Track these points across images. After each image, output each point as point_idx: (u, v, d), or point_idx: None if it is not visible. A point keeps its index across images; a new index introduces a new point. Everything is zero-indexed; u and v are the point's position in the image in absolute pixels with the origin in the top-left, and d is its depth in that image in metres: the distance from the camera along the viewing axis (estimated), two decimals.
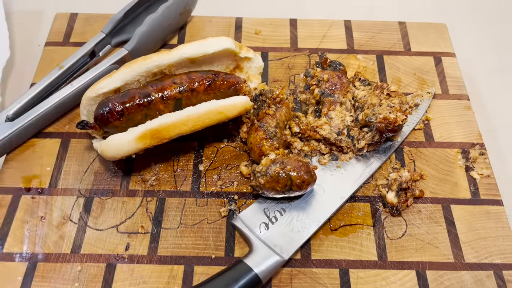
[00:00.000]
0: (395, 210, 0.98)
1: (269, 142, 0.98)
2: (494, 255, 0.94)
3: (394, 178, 1.01)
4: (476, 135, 1.11)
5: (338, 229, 0.97)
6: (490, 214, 1.00)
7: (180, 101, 0.97)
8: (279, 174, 0.91)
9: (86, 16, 1.30)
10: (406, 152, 1.09)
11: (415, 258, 0.94)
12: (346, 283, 0.90)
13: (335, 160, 1.05)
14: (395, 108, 1.00)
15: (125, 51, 1.14)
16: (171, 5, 1.19)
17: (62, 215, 0.97)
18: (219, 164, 1.05)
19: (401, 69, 1.23)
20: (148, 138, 0.93)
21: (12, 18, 1.37)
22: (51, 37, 1.26)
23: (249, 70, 1.10)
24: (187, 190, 1.01)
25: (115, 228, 0.96)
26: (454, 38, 1.31)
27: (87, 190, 1.00)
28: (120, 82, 0.97)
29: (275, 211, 0.97)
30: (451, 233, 0.97)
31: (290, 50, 1.26)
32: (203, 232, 0.96)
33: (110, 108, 0.92)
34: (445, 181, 1.04)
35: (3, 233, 0.94)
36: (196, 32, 1.29)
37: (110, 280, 0.89)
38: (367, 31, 1.31)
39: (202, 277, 0.90)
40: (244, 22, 1.31)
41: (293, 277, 0.91)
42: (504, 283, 0.91)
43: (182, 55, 1.00)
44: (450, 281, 0.91)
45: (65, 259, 0.92)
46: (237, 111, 1.00)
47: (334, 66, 1.12)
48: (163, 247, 0.94)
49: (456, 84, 1.20)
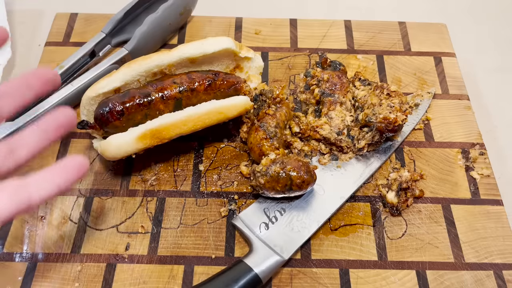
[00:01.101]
0: (395, 210, 0.98)
1: (269, 142, 0.98)
2: (494, 255, 0.94)
3: (394, 178, 1.01)
4: (476, 135, 1.11)
5: (338, 229, 0.97)
6: (490, 214, 1.00)
7: (180, 101, 0.97)
8: (279, 174, 0.91)
9: (86, 16, 1.31)
10: (406, 152, 1.09)
11: (415, 258, 0.94)
12: (346, 283, 0.90)
13: (335, 160, 1.05)
14: (395, 108, 1.00)
15: (125, 51, 1.14)
16: (171, 5, 1.19)
17: (62, 215, 0.97)
18: (219, 164, 1.05)
19: (401, 69, 1.23)
20: (148, 138, 0.93)
21: (12, 18, 1.37)
22: (51, 37, 1.26)
23: (249, 70, 1.10)
24: (187, 190, 1.01)
25: (115, 228, 0.96)
26: (454, 38, 1.31)
27: (87, 190, 1.00)
28: (120, 82, 0.97)
29: (275, 211, 0.97)
30: (451, 233, 0.97)
31: (290, 50, 1.26)
32: (203, 232, 0.96)
33: (110, 108, 0.92)
34: (445, 181, 1.04)
35: (3, 233, 0.94)
36: (196, 32, 1.29)
37: (110, 280, 0.89)
38: (367, 31, 1.31)
39: (202, 277, 0.90)
40: (244, 22, 1.31)
41: (293, 277, 0.91)
42: (504, 283, 0.91)
43: (182, 55, 1.00)
44: (450, 281, 0.91)
45: (65, 259, 0.92)
46: (237, 111, 1.00)
47: (334, 66, 1.12)
48: (163, 247, 0.94)
49: (456, 84, 1.20)
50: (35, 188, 0.63)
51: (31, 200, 0.62)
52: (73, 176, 0.66)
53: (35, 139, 0.68)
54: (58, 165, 0.67)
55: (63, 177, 0.66)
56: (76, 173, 0.67)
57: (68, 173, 0.66)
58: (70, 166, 0.67)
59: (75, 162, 0.67)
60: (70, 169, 0.67)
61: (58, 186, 0.65)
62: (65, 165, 0.67)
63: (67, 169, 0.66)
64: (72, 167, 0.67)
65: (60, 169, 0.66)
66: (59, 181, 0.65)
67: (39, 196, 0.63)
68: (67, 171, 0.66)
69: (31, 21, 1.39)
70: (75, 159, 0.68)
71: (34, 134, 0.69)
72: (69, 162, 0.67)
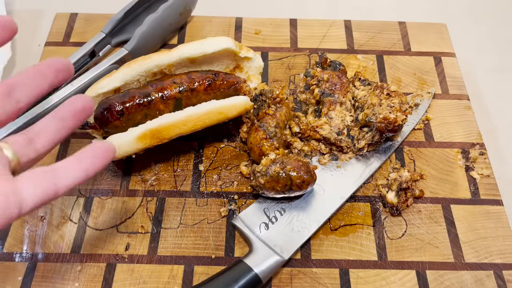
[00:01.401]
0: (395, 210, 0.99)
1: (269, 142, 0.98)
2: (494, 255, 0.94)
3: (394, 178, 1.01)
4: (476, 135, 1.11)
5: (338, 229, 0.97)
6: (490, 214, 1.00)
7: (180, 101, 0.97)
8: (279, 174, 0.91)
9: (86, 16, 1.31)
10: (406, 152, 1.09)
11: (415, 258, 0.94)
12: (346, 283, 0.90)
13: (335, 160, 1.05)
14: (395, 108, 1.00)
15: (125, 51, 1.14)
16: (171, 5, 1.19)
17: (62, 215, 0.97)
18: (219, 164, 1.05)
19: (401, 69, 1.23)
20: (148, 138, 0.93)
21: (12, 18, 1.37)
22: (51, 37, 1.26)
23: (249, 70, 1.10)
24: (187, 190, 1.01)
25: (115, 228, 0.96)
26: (454, 38, 1.31)
27: (87, 190, 1.00)
28: (120, 82, 0.97)
29: (275, 211, 0.97)
30: (451, 233, 0.97)
31: (290, 50, 1.26)
32: (203, 232, 0.96)
33: (110, 108, 0.92)
34: (445, 181, 1.04)
35: (3, 233, 0.94)
36: (196, 32, 1.29)
37: (110, 280, 0.89)
38: (367, 31, 1.31)
39: (202, 277, 0.90)
40: (244, 22, 1.31)
41: (293, 277, 0.91)
42: (504, 283, 0.91)
43: (182, 55, 1.00)
44: (450, 281, 0.91)
45: (65, 259, 0.92)
46: (237, 111, 1.00)
47: (334, 66, 1.12)
48: (163, 247, 0.94)
49: (456, 84, 1.20)
50: (62, 176, 0.62)
51: (58, 188, 0.61)
52: (100, 161, 0.65)
53: (53, 128, 0.67)
54: (84, 150, 0.65)
55: (90, 163, 0.64)
56: (103, 158, 0.65)
57: (95, 158, 0.65)
58: (97, 151, 0.66)
59: (101, 147, 0.66)
60: (97, 154, 0.65)
61: (85, 172, 0.63)
62: (92, 151, 0.65)
63: (94, 154, 0.65)
64: (99, 152, 0.66)
65: (87, 154, 0.65)
66: (86, 167, 0.64)
67: (66, 184, 0.62)
68: (94, 156, 0.65)
69: (31, 21, 1.39)
70: (102, 144, 0.66)
71: (52, 123, 0.68)
72: (96, 147, 0.66)
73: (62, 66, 0.69)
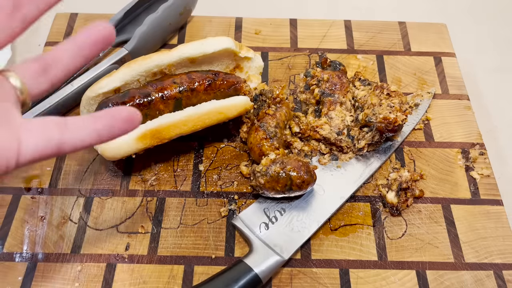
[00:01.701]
0: (395, 210, 0.98)
1: (269, 142, 0.98)
2: (494, 255, 0.94)
3: (394, 178, 1.01)
4: (476, 135, 1.11)
5: (338, 229, 0.97)
6: (490, 214, 1.00)
7: (180, 101, 0.97)
8: (279, 174, 0.91)
9: (86, 16, 1.31)
10: (406, 152, 1.09)
11: (415, 258, 0.94)
12: (346, 283, 0.90)
13: (335, 160, 1.05)
14: (395, 108, 1.00)
15: (125, 51, 1.14)
16: (171, 5, 1.19)
17: (62, 215, 0.97)
18: (219, 164, 1.05)
19: (401, 69, 1.23)
20: (148, 138, 0.93)
21: None
22: (51, 37, 1.26)
23: (249, 70, 1.10)
24: (187, 190, 1.01)
25: (115, 228, 0.96)
26: (454, 38, 1.31)
27: (87, 190, 1.00)
28: (120, 82, 0.97)
29: (275, 211, 0.97)
30: (451, 233, 0.97)
31: (290, 50, 1.26)
32: (203, 232, 0.96)
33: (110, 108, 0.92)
34: (445, 181, 1.04)
35: (3, 233, 0.94)
36: (196, 32, 1.29)
37: (110, 280, 0.89)
38: (367, 31, 1.31)
39: (202, 277, 0.90)
40: (244, 22, 1.31)
41: (293, 277, 0.91)
42: (504, 283, 0.91)
43: (182, 55, 1.00)
44: (450, 281, 0.91)
45: (65, 259, 0.92)
46: (237, 111, 1.00)
47: (334, 66, 1.12)
48: (163, 247, 0.94)
49: (456, 84, 1.20)
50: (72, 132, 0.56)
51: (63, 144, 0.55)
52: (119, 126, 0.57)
53: (70, 56, 0.60)
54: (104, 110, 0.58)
55: (107, 124, 0.57)
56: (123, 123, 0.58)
57: (114, 121, 0.57)
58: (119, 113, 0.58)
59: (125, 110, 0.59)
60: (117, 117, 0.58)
61: (98, 134, 0.57)
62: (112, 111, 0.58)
63: (113, 116, 0.58)
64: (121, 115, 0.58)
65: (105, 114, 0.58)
66: (101, 128, 0.57)
67: (73, 143, 0.56)
68: (113, 118, 0.57)
69: None
70: (126, 108, 0.59)
71: (68, 51, 0.61)
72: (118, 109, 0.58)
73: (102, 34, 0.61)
